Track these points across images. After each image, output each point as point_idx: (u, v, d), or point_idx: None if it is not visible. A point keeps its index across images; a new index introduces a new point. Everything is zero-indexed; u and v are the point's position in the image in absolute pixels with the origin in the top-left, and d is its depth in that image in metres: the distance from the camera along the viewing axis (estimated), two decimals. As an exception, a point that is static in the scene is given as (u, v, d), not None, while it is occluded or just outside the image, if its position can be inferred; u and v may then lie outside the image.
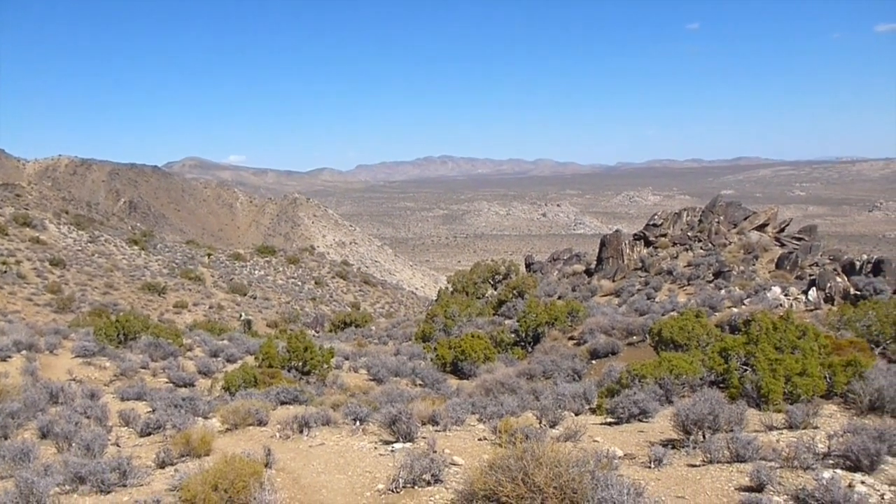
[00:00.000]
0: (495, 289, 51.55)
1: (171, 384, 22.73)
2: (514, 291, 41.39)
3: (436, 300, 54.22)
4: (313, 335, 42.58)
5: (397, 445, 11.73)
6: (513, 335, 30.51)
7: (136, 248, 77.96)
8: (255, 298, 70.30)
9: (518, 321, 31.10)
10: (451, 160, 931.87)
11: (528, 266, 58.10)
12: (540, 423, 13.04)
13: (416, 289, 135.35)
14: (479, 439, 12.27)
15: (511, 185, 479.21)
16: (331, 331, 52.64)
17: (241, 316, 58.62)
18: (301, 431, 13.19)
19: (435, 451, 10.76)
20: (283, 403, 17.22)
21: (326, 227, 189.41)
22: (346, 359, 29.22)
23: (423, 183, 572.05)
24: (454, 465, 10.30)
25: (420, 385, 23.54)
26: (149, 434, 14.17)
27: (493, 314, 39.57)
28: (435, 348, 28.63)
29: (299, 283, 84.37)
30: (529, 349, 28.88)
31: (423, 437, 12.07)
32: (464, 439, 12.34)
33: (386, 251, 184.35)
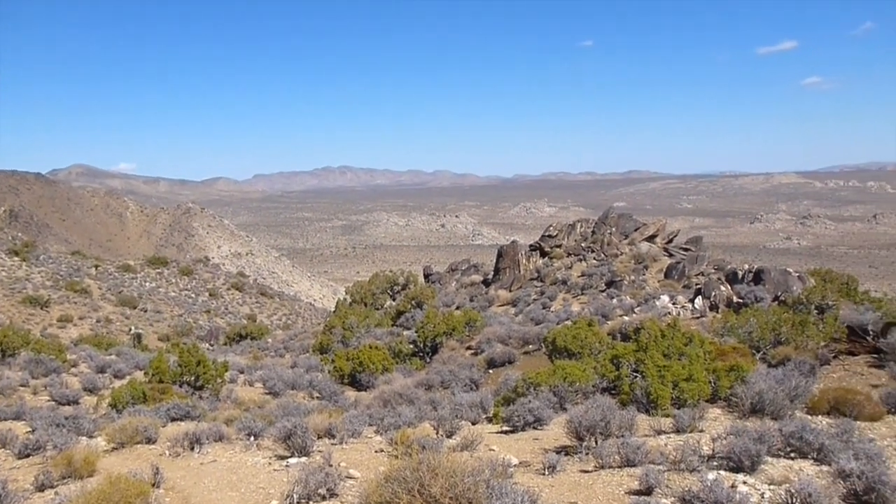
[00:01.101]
0: (394, 299, 51.42)
1: (53, 402, 21.67)
2: (413, 302, 41.35)
3: (334, 311, 53.62)
4: (207, 348, 41.44)
5: (292, 460, 11.51)
6: (411, 346, 30.44)
7: (16, 259, 74.04)
8: (145, 311, 67.90)
9: (416, 331, 31.07)
10: (351, 170, 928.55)
11: (426, 276, 58.22)
12: (437, 433, 13.05)
13: (315, 300, 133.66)
14: (377, 451, 12.19)
15: (410, 196, 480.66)
16: (226, 344, 51.36)
17: (130, 330, 56.49)
18: (192, 448, 12.78)
19: (331, 465, 10.62)
20: (173, 420, 16.65)
21: (222, 237, 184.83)
22: (242, 372, 28.55)
23: (322, 193, 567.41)
24: (350, 478, 10.18)
25: (317, 398, 23.20)
26: (27, 455, 13.44)
27: (392, 325, 39.39)
28: (333, 360, 28.29)
29: (193, 295, 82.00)
30: (428, 359, 28.89)
31: (319, 451, 11.90)
32: (361, 452, 12.23)
33: (283, 262, 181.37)
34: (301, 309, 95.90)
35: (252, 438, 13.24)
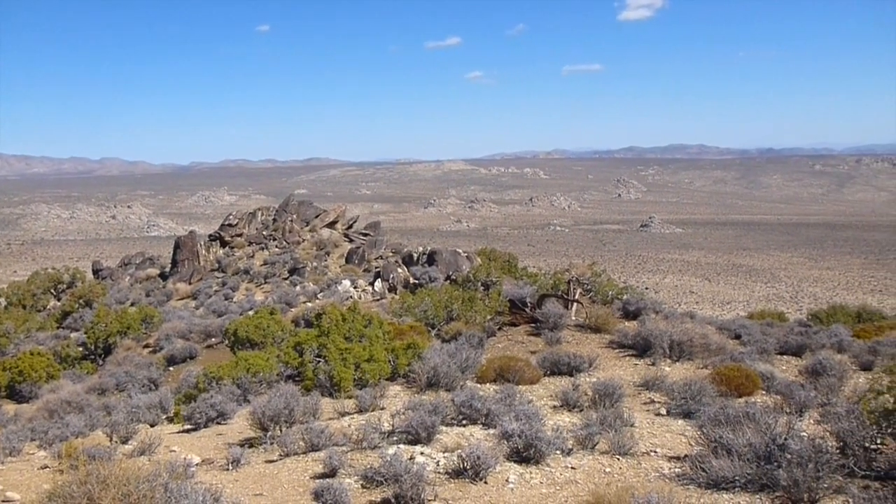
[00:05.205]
0: (59, 300, 47.22)
1: None
2: (81, 301, 38.41)
3: (-14, 317, 47.90)
4: None
5: (-69, 492, 10.12)
6: (81, 348, 28.49)
7: None
8: None
9: (86, 333, 29.22)
10: (1, 158, 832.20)
11: (95, 272, 54.22)
12: (111, 440, 12.22)
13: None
14: (40, 468, 11.12)
15: (74, 185, 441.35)
16: None
17: None
18: None
19: (-17, 490, 9.49)
20: None
21: None
22: None
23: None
24: (8, 501, 9.20)
25: (-34, 416, 20.62)
26: None
27: (57, 327, 36.41)
28: (-14, 372, 25.36)
29: None
30: (100, 362, 27.21)
31: (-33, 477, 10.58)
32: (21, 471, 11.06)
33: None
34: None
35: None
